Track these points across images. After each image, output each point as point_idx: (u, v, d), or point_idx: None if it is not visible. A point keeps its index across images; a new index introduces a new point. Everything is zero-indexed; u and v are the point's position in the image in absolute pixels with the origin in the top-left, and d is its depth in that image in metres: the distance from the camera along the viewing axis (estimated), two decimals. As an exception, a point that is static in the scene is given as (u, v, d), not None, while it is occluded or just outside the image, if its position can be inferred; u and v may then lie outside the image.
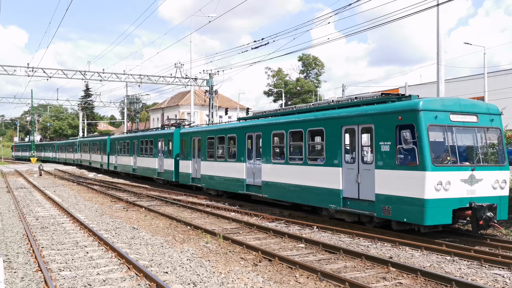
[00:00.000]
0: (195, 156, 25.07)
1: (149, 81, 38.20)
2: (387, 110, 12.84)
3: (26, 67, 34.36)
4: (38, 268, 9.69)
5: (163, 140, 29.67)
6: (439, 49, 21.73)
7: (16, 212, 18.36)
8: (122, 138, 38.16)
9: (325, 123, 15.02)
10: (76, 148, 55.24)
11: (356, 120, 13.79)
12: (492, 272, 9.39)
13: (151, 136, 31.88)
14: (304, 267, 9.58)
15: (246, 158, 19.98)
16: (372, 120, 13.18)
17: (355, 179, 13.75)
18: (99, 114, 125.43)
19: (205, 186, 23.74)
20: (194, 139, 25.24)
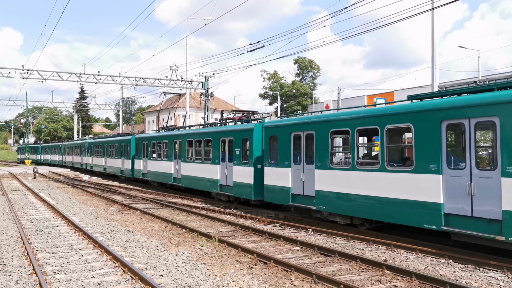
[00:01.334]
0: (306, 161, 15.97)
1: (145, 83, 38.18)
2: None
3: (21, 69, 34.29)
4: (32, 271, 9.66)
5: (233, 140, 20.76)
6: (434, 52, 21.86)
7: (10, 215, 18.28)
8: (156, 138, 31.00)
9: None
10: (85, 151, 50.78)
11: None
12: (486, 275, 9.43)
13: (208, 134, 23.23)
14: (299, 270, 9.59)
15: None
16: None
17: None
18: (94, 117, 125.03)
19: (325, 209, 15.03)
20: (300, 134, 16.09)
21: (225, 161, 21.38)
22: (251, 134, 19.08)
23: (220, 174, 21.70)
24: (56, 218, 17.64)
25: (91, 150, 48.40)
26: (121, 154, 37.44)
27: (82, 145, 51.81)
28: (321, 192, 14.97)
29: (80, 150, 52.46)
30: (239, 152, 19.95)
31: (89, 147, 49.09)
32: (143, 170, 32.29)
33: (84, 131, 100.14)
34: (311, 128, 15.42)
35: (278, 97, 77.03)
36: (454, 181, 10.91)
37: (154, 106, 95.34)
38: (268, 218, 16.82)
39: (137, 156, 33.63)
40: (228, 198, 21.33)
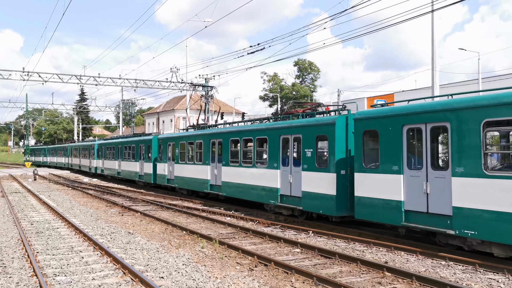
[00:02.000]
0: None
1: (145, 85, 38.21)
2: None
3: (21, 71, 34.30)
4: (33, 273, 9.66)
5: (301, 137, 16.13)
6: (434, 54, 21.88)
7: (10, 217, 18.28)
8: (186, 137, 25.72)
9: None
10: (94, 153, 45.67)
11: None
12: (486, 277, 9.43)
13: (263, 132, 18.39)
14: (300, 272, 9.59)
15: None
16: None
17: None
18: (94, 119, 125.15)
19: None
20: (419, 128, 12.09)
21: (288, 165, 16.81)
22: (333, 130, 14.59)
23: (281, 182, 17.07)
24: (56, 220, 17.64)
25: (102, 152, 43.91)
26: (140, 156, 32.97)
27: (91, 146, 47.11)
28: (467, 211, 10.58)
29: (89, 152, 48.10)
30: (312, 153, 15.54)
31: (100, 148, 45.25)
32: (169, 176, 27.80)
33: (84, 133, 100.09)
34: (446, 118, 11.20)
35: (278, 99, 77.05)
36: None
37: (154, 108, 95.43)
38: (268, 220, 16.82)
39: (160, 159, 29.07)
40: (291, 212, 16.79)
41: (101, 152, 43.70)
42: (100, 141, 47.22)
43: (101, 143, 45.12)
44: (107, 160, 41.60)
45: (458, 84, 50.00)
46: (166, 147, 28.30)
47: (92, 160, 46.20)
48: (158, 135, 30.95)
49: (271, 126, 18.09)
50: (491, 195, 10.01)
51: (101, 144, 44.43)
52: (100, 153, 44.28)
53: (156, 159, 29.98)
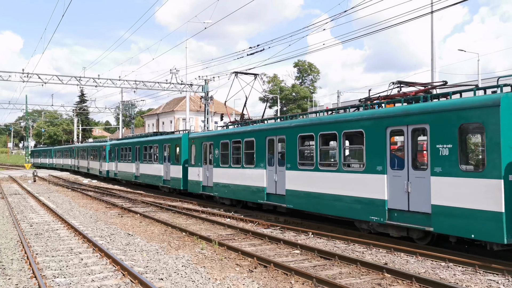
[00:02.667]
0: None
1: (145, 87, 38.23)
2: None
3: (21, 73, 34.32)
4: (32, 275, 9.64)
5: (427, 129, 11.61)
6: (433, 55, 21.91)
7: (10, 219, 18.26)
8: (230, 135, 21.05)
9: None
10: (106, 155, 40.94)
11: None
12: (486, 278, 9.42)
13: (356, 123, 13.71)
14: (300, 273, 9.57)
15: None
16: None
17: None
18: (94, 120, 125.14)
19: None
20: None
21: (405, 167, 12.03)
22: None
23: (389, 192, 12.38)
24: (55, 221, 17.63)
25: (115, 153, 38.97)
26: (164, 158, 28.55)
27: (101, 147, 42.10)
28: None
29: (99, 153, 43.03)
30: (450, 150, 10.83)
31: (112, 149, 40.05)
32: (205, 182, 23.15)
33: (84, 135, 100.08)
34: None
35: (278, 100, 77.10)
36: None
37: (154, 110, 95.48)
38: (268, 222, 16.80)
39: (193, 161, 24.51)
40: (406, 232, 12.33)
41: (114, 154, 39.44)
42: (113, 141, 42.44)
43: (114, 143, 40.58)
44: (122, 162, 37.37)
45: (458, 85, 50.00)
46: (200, 147, 23.64)
47: (103, 162, 41.73)
48: (189, 133, 26.86)
49: (369, 115, 13.24)
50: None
51: (114, 145, 40.14)
52: (112, 154, 39.94)
53: (186, 162, 25.77)
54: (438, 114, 11.19)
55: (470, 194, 10.39)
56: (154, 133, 35.21)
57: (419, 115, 11.72)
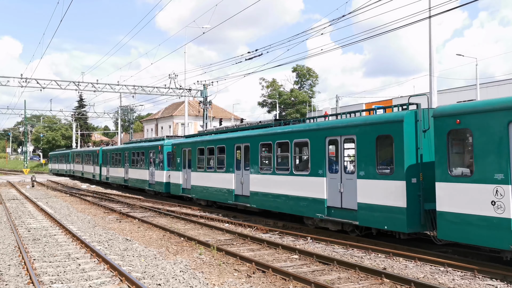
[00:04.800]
0: None
1: (143, 91, 38.21)
2: None
3: (19, 78, 34.29)
4: (29, 281, 9.60)
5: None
6: (432, 60, 21.93)
7: (8, 224, 18.20)
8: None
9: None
10: (145, 161, 31.43)
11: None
12: (485, 283, 9.39)
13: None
14: (298, 279, 9.54)
15: None
16: None
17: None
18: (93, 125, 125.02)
19: None
20: None
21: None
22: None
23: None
24: (53, 227, 17.57)
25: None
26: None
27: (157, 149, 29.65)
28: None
29: (147, 159, 31.10)
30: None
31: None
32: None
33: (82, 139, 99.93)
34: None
35: (277, 105, 77.15)
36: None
37: (152, 115, 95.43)
38: (266, 227, 16.76)
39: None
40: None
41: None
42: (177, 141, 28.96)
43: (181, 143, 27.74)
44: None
45: (457, 89, 50.09)
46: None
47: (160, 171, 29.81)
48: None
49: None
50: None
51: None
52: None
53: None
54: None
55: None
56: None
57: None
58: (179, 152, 25.77)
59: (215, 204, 22.75)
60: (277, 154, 17.38)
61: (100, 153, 43.51)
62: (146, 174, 30.74)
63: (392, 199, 12.33)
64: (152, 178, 29.88)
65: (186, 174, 24.89)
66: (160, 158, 28.46)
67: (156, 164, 29.24)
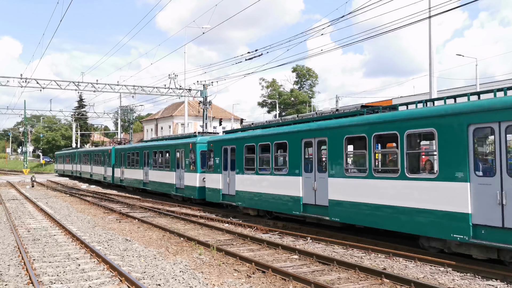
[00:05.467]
0: None
1: (143, 92, 38.21)
2: None
3: (19, 78, 34.29)
4: (29, 281, 9.59)
5: None
6: (432, 60, 21.94)
7: (7, 224, 18.20)
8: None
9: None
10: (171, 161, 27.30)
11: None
12: (485, 283, 9.39)
13: None
14: (298, 279, 9.53)
15: None
16: None
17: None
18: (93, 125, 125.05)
19: None
20: None
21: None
22: None
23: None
24: (53, 227, 17.57)
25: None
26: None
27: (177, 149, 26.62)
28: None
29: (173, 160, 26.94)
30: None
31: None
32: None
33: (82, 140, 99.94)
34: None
35: (277, 105, 77.19)
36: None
37: (152, 115, 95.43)
38: (266, 227, 16.76)
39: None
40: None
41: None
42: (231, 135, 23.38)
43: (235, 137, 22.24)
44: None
45: (457, 90, 50.14)
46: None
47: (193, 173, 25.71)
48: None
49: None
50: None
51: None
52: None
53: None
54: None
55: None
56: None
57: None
58: (218, 150, 21.53)
59: (268, 215, 18.89)
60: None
61: (112, 152, 38.78)
62: (173, 177, 26.58)
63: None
64: (180, 181, 25.86)
65: (229, 177, 20.64)
66: (191, 158, 24.41)
67: (186, 165, 25.15)
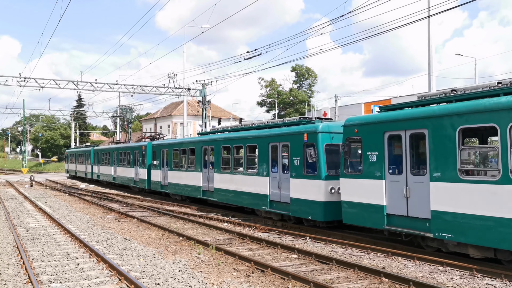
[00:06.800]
0: None
1: (142, 91, 38.20)
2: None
3: (18, 77, 34.25)
4: (28, 280, 9.59)
5: None
6: (431, 59, 21.95)
7: (6, 223, 18.18)
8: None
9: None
10: (280, 160, 17.65)
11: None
12: (484, 283, 9.40)
13: None
14: (297, 278, 9.54)
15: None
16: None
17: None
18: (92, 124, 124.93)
19: None
20: None
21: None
22: None
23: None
24: (52, 226, 17.55)
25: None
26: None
27: (282, 142, 17.58)
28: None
29: (278, 158, 17.56)
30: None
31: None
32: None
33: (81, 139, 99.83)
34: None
35: (276, 104, 77.14)
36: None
37: (151, 114, 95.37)
38: (265, 226, 16.76)
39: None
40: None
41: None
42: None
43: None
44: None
45: (455, 89, 50.18)
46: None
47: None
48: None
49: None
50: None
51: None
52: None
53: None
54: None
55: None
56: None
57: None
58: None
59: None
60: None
61: (148, 149, 30.47)
62: (264, 185, 17.78)
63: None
64: (279, 192, 17.02)
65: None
66: (312, 156, 15.50)
67: (298, 167, 16.57)
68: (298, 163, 15.83)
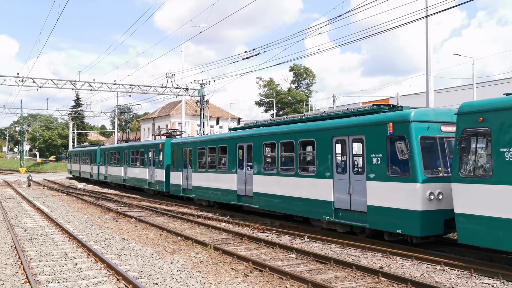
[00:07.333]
0: None
1: (140, 91, 38.13)
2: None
3: (15, 77, 34.17)
4: (26, 280, 9.58)
5: None
6: (428, 59, 21.95)
7: (4, 223, 18.15)
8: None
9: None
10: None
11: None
12: (482, 282, 9.42)
13: None
14: (295, 277, 9.55)
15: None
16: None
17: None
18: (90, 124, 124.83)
19: None
20: None
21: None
22: None
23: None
24: (50, 226, 17.53)
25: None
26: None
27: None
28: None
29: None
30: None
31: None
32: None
33: (79, 139, 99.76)
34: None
35: (274, 104, 77.16)
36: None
37: (149, 114, 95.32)
38: (263, 226, 16.77)
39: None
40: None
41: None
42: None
43: None
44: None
45: (454, 89, 50.27)
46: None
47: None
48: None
49: None
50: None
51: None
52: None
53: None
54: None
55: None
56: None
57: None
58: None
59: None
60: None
61: (166, 148, 27.91)
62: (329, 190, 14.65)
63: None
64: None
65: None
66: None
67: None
68: (378, 161, 12.71)
